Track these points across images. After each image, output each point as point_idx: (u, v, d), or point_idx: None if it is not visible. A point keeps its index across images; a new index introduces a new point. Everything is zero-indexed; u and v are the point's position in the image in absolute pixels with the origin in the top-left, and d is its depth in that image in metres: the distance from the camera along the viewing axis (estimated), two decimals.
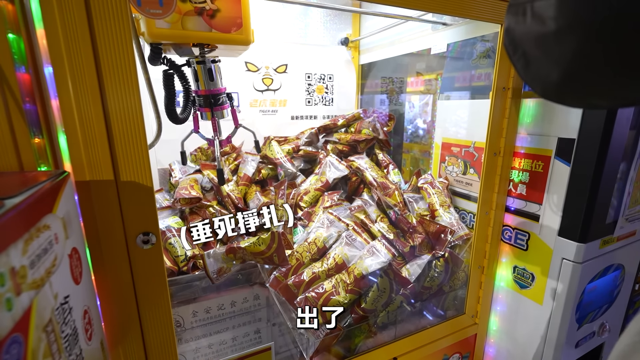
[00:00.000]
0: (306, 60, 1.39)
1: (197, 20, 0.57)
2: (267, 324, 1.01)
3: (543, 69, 0.24)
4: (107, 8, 0.41)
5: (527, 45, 0.25)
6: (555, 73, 0.23)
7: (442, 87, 1.14)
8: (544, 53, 0.24)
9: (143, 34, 0.57)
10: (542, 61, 0.24)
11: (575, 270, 0.78)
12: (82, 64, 0.41)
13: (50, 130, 0.43)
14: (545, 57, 0.24)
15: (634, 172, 0.79)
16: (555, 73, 0.23)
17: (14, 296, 0.27)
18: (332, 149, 1.23)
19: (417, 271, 0.82)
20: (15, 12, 0.38)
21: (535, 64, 0.25)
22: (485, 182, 0.85)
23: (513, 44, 0.27)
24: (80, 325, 0.39)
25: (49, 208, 0.34)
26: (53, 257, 0.34)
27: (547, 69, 0.24)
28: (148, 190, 0.48)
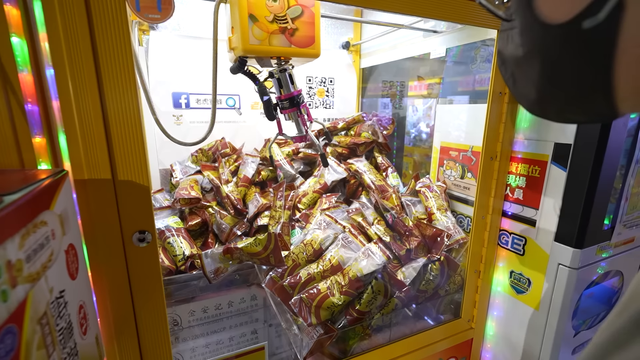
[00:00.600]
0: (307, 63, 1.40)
1: (280, 37, 0.69)
2: (264, 324, 1.02)
3: (525, 88, 0.26)
4: (107, 13, 0.43)
5: (513, 67, 0.27)
6: (533, 91, 0.25)
7: (442, 92, 1.15)
8: (522, 74, 0.26)
9: (235, 48, 0.68)
10: (523, 81, 0.26)
11: (571, 276, 0.77)
12: (82, 66, 0.43)
13: (50, 129, 0.44)
14: (524, 77, 0.26)
15: (632, 178, 0.79)
16: (532, 92, 0.25)
17: (9, 288, 0.28)
18: (332, 152, 1.24)
19: (412, 274, 0.82)
20: (20, 16, 0.40)
21: (520, 83, 0.27)
22: (481, 186, 0.85)
23: (504, 65, 0.29)
24: (75, 319, 0.41)
25: (47, 205, 0.36)
26: (49, 252, 0.35)
27: (527, 88, 0.26)
28: (145, 190, 0.49)
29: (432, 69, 1.21)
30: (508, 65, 0.28)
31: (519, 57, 0.25)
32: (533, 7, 0.22)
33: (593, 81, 0.21)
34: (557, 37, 0.21)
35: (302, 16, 0.70)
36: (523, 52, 0.24)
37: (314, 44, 0.73)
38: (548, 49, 0.22)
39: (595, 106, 0.22)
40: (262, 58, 0.74)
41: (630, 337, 0.18)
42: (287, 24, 0.68)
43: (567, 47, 0.21)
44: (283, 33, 0.69)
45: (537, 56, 0.23)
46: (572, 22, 0.20)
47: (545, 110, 0.26)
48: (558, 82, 0.23)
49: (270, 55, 0.72)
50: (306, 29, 0.71)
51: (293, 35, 0.70)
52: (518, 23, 0.24)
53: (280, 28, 0.68)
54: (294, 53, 0.73)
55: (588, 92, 0.22)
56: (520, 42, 0.24)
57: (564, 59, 0.22)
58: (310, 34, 0.72)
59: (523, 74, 0.26)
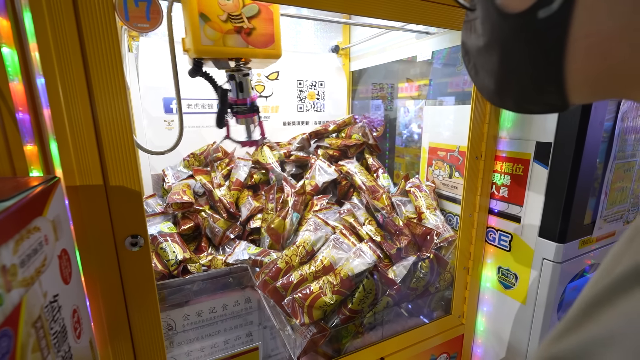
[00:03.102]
0: (298, 67, 1.42)
1: (236, 37, 0.65)
2: (258, 327, 1.02)
3: (485, 78, 0.27)
4: (97, 22, 0.44)
5: (475, 57, 0.28)
6: (492, 82, 0.26)
7: (431, 93, 1.17)
8: (482, 64, 0.27)
9: (189, 50, 0.65)
10: (483, 71, 0.27)
11: (555, 270, 0.80)
12: (72, 75, 0.44)
13: (42, 137, 0.45)
14: (483, 68, 0.27)
15: (610, 174, 0.82)
16: (491, 82, 0.26)
17: (4, 292, 0.29)
18: (323, 154, 1.26)
19: (402, 272, 0.84)
20: (10, 27, 0.41)
21: (480, 73, 0.28)
22: (467, 185, 0.88)
23: (467, 56, 0.30)
24: (69, 323, 0.41)
25: (40, 211, 0.37)
26: (43, 258, 0.36)
27: (486, 78, 0.27)
28: (136, 195, 0.50)
29: (421, 71, 1.24)
30: (471, 56, 0.29)
31: (480, 47, 0.26)
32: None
33: (546, 71, 0.21)
34: (514, 26, 0.22)
35: (260, 15, 0.66)
36: (483, 42, 0.25)
37: (274, 43, 0.70)
38: (505, 38, 0.23)
39: (548, 96, 0.23)
40: (218, 60, 0.70)
41: (601, 306, 0.17)
42: (242, 23, 0.65)
43: (522, 36, 0.22)
44: (239, 33, 0.65)
45: (495, 46, 0.24)
46: (528, 11, 0.21)
47: (503, 100, 0.27)
48: (513, 72, 0.24)
49: (226, 56, 0.68)
50: (264, 28, 0.68)
51: (250, 35, 0.66)
52: (479, 13, 0.25)
53: (235, 28, 0.64)
54: (251, 54, 0.69)
55: (542, 82, 0.22)
56: (481, 32, 0.25)
57: (520, 49, 0.22)
58: (269, 34, 0.68)
59: (483, 63, 0.26)
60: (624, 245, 0.18)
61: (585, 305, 0.17)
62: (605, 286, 0.16)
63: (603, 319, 0.15)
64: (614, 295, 0.15)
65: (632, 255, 0.17)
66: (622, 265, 0.17)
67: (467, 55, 0.30)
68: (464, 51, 0.30)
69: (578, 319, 0.17)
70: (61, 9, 0.42)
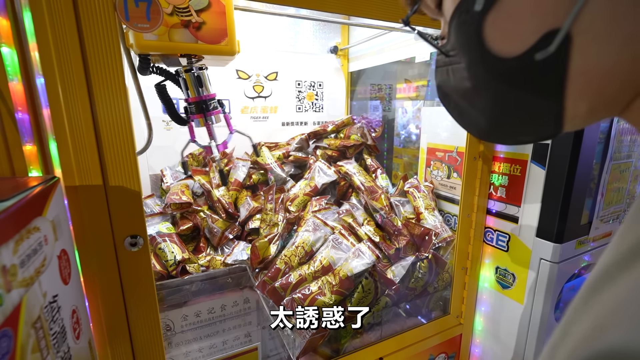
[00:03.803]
0: (296, 68, 1.42)
1: (183, 32, 0.60)
2: (257, 327, 1.02)
3: (473, 117, 0.28)
4: (97, 22, 0.44)
5: (457, 99, 0.28)
6: (483, 121, 0.27)
7: (428, 94, 1.18)
8: (470, 105, 0.27)
9: (132, 45, 0.59)
10: (470, 111, 0.28)
11: (553, 269, 0.81)
12: (72, 74, 0.44)
13: (41, 137, 0.45)
14: (471, 107, 0.27)
15: (607, 174, 0.82)
16: (482, 121, 0.27)
17: (4, 293, 0.29)
18: (322, 155, 1.26)
19: (401, 272, 0.85)
20: (9, 27, 0.41)
21: (466, 113, 0.28)
22: (466, 185, 0.88)
23: (446, 99, 0.30)
24: (68, 324, 0.41)
25: (39, 211, 0.36)
26: (42, 258, 0.36)
27: (475, 117, 0.27)
28: (136, 195, 0.50)
29: (419, 72, 1.24)
30: (451, 98, 0.30)
31: (467, 90, 0.26)
32: (483, 44, 0.23)
33: (545, 108, 0.22)
34: (510, 69, 0.22)
35: (210, 8, 0.61)
36: (472, 84, 0.25)
37: (227, 39, 0.64)
38: (500, 80, 0.23)
39: (543, 129, 0.24)
40: (167, 56, 0.65)
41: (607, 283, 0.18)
42: (190, 16, 0.59)
43: (519, 78, 0.22)
44: (186, 27, 0.60)
45: (488, 88, 0.24)
46: (525, 55, 0.21)
47: (495, 136, 0.28)
48: (509, 111, 0.24)
49: (172, 52, 0.63)
50: (215, 23, 0.62)
51: (199, 30, 0.61)
52: (464, 59, 0.25)
53: (182, 21, 0.59)
54: (201, 50, 0.64)
55: (539, 119, 0.23)
56: (467, 76, 0.25)
57: (516, 90, 0.23)
58: (221, 28, 0.63)
59: (471, 105, 0.27)
60: (629, 221, 0.19)
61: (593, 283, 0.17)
62: (611, 263, 0.17)
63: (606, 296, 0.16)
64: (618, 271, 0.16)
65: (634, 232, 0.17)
66: (625, 243, 0.17)
67: (447, 97, 0.30)
68: (441, 94, 0.31)
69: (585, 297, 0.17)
70: (61, 9, 0.42)
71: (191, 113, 0.76)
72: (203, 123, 0.76)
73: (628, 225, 0.19)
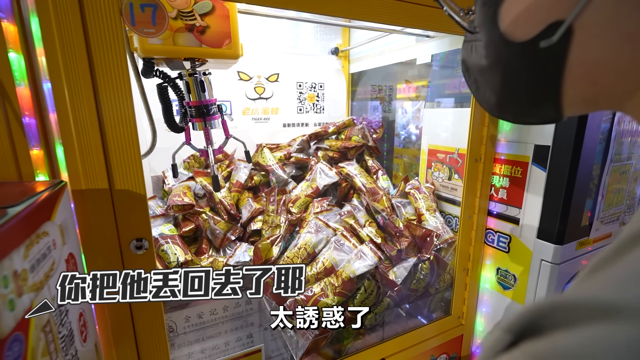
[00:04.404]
0: (297, 69, 1.42)
1: (187, 36, 0.61)
2: (259, 328, 1.03)
3: (486, 93, 0.30)
4: (103, 27, 0.44)
5: (476, 74, 0.31)
6: (493, 97, 0.29)
7: (429, 95, 1.18)
8: (484, 81, 0.29)
9: (136, 49, 0.59)
10: (485, 87, 0.30)
11: (554, 271, 0.81)
12: (78, 79, 0.44)
13: (48, 141, 0.45)
14: (486, 84, 0.29)
15: (607, 176, 0.83)
16: (493, 97, 0.29)
17: (16, 297, 0.30)
18: (323, 156, 1.26)
19: (403, 274, 0.85)
20: (17, 32, 0.41)
21: (482, 89, 0.30)
22: (467, 187, 0.89)
23: (467, 72, 0.32)
24: (75, 327, 0.42)
25: (48, 216, 0.37)
26: (51, 262, 0.36)
27: (488, 93, 0.29)
28: (141, 198, 0.50)
29: (419, 73, 1.25)
30: (471, 73, 0.31)
31: (483, 67, 0.28)
32: (498, 26, 0.25)
33: (545, 91, 0.24)
34: (518, 52, 0.24)
35: (214, 12, 0.62)
36: (487, 62, 0.27)
37: (231, 43, 0.65)
38: (509, 62, 0.25)
39: (545, 111, 0.26)
40: (171, 60, 0.66)
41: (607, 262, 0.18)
42: (194, 20, 0.60)
43: (525, 62, 0.24)
44: (191, 31, 0.61)
45: (498, 67, 0.27)
46: (531, 41, 0.23)
47: (503, 113, 0.30)
48: (515, 91, 0.26)
49: (176, 56, 0.64)
50: (219, 27, 0.63)
51: (204, 34, 0.62)
52: (483, 36, 0.27)
53: (186, 25, 0.60)
54: (205, 53, 0.65)
55: (540, 100, 0.25)
56: (484, 54, 0.27)
57: (522, 72, 0.25)
58: (225, 32, 0.64)
59: (485, 81, 0.29)
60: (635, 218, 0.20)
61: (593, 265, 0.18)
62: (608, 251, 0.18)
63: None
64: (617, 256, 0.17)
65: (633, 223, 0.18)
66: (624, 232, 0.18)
67: (468, 71, 0.32)
68: (464, 67, 0.33)
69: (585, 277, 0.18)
70: (68, 14, 0.42)
71: (191, 116, 0.76)
72: (202, 127, 0.77)
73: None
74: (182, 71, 0.71)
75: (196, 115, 0.73)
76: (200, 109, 0.73)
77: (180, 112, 0.76)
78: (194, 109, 0.73)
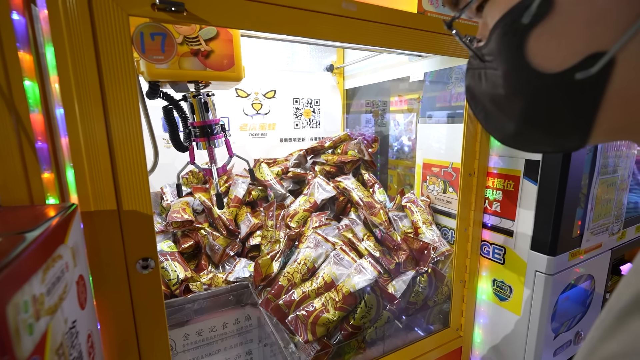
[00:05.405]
0: (294, 85, 1.46)
1: (193, 60, 0.63)
2: (258, 344, 1.02)
3: (500, 122, 0.28)
4: (115, 56, 0.46)
5: (485, 102, 0.29)
6: (511, 127, 0.27)
7: (421, 109, 1.22)
8: (499, 110, 0.28)
9: (143, 73, 0.61)
10: (498, 116, 0.28)
11: (548, 281, 0.83)
12: (90, 105, 0.46)
13: (58, 165, 0.46)
14: (500, 113, 0.28)
15: (595, 189, 0.87)
16: (511, 127, 0.27)
17: (34, 321, 0.30)
18: (320, 170, 1.28)
19: (402, 287, 0.86)
20: (32, 61, 0.43)
21: (493, 117, 0.29)
22: (462, 200, 0.91)
23: (474, 100, 0.31)
24: (84, 348, 0.42)
25: (62, 239, 0.38)
26: (64, 285, 0.37)
27: (503, 122, 0.28)
28: (148, 218, 0.52)
29: (411, 88, 1.29)
30: (479, 101, 0.30)
31: (500, 96, 0.27)
32: (524, 56, 0.23)
33: (576, 122, 0.23)
34: (548, 84, 0.23)
35: (218, 37, 0.65)
36: (505, 92, 0.26)
37: (234, 66, 0.68)
38: (536, 93, 0.24)
39: (568, 142, 0.25)
40: (176, 82, 0.69)
41: (612, 331, 0.19)
42: (199, 45, 0.63)
43: (557, 94, 0.23)
44: (196, 55, 0.63)
45: (522, 98, 0.25)
46: (565, 72, 0.22)
47: (518, 143, 0.29)
48: (540, 122, 0.25)
49: (182, 79, 0.67)
50: (223, 51, 0.66)
51: (208, 58, 0.64)
52: (502, 67, 0.26)
53: (192, 50, 0.63)
54: (210, 77, 0.67)
55: (567, 131, 0.24)
56: (502, 84, 0.26)
57: (552, 103, 0.24)
58: (228, 56, 0.67)
59: (500, 111, 0.28)
60: (631, 275, 0.20)
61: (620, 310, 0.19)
62: (610, 318, 0.18)
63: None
64: (619, 324, 0.18)
65: (634, 285, 0.19)
66: (625, 295, 0.19)
67: (475, 100, 0.31)
68: (470, 95, 0.32)
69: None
70: (82, 43, 0.44)
71: (195, 136, 0.78)
72: (205, 146, 0.79)
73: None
74: (187, 93, 0.73)
75: (200, 135, 0.75)
76: (204, 129, 0.75)
77: (184, 132, 0.78)
78: (198, 129, 0.75)
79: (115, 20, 0.45)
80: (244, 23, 0.53)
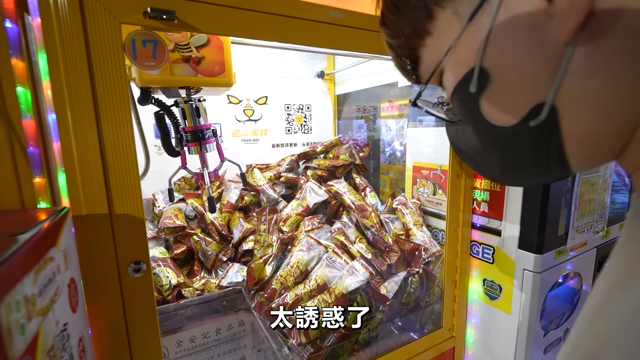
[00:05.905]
0: (285, 92, 1.48)
1: (184, 66, 0.64)
2: (252, 350, 1.02)
3: (487, 167, 0.31)
4: (107, 63, 0.47)
5: (471, 153, 0.32)
6: (497, 170, 0.30)
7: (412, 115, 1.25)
8: (484, 158, 0.31)
9: (134, 79, 0.62)
10: (484, 163, 0.31)
11: (535, 279, 0.85)
12: (82, 110, 0.46)
13: (50, 169, 0.47)
14: (486, 161, 0.31)
15: (578, 188, 0.89)
16: (497, 170, 0.30)
17: (26, 322, 0.31)
18: (312, 175, 1.30)
19: (394, 288, 0.87)
20: (24, 68, 0.44)
21: (481, 164, 0.32)
22: (451, 201, 0.93)
23: (460, 151, 0.34)
24: (75, 352, 0.42)
25: (53, 242, 0.38)
26: (56, 287, 0.37)
27: (490, 167, 0.31)
28: (139, 221, 0.52)
29: (401, 94, 1.32)
30: (465, 152, 0.33)
31: (478, 148, 0.29)
32: (483, 116, 0.26)
33: (549, 159, 0.25)
34: (511, 135, 0.25)
35: (209, 44, 0.66)
36: (481, 144, 0.29)
37: (225, 72, 0.69)
38: (504, 143, 0.27)
39: (554, 174, 0.27)
40: (167, 88, 0.70)
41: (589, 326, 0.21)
42: (191, 52, 0.64)
43: (521, 141, 0.25)
44: (187, 62, 0.65)
45: (495, 148, 0.28)
46: (520, 123, 0.24)
47: (512, 182, 0.32)
48: (520, 163, 0.27)
49: (173, 85, 0.68)
50: (214, 57, 0.67)
51: (199, 64, 0.66)
52: (469, 124, 0.28)
53: (183, 57, 0.64)
54: (201, 82, 0.69)
55: (546, 168, 0.26)
56: (476, 137, 0.29)
57: (519, 150, 0.26)
58: (219, 62, 0.68)
59: (485, 159, 0.30)
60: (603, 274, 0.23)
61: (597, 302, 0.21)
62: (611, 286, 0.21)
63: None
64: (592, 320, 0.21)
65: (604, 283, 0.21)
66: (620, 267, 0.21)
67: (461, 151, 0.34)
68: (455, 147, 0.35)
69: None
70: (74, 50, 0.45)
71: (187, 141, 0.79)
72: (197, 151, 0.80)
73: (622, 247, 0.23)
74: (178, 98, 0.74)
75: (192, 139, 0.76)
76: (195, 133, 0.75)
77: (176, 137, 0.79)
78: (189, 133, 0.76)
79: (107, 28, 0.46)
80: (234, 30, 0.55)
